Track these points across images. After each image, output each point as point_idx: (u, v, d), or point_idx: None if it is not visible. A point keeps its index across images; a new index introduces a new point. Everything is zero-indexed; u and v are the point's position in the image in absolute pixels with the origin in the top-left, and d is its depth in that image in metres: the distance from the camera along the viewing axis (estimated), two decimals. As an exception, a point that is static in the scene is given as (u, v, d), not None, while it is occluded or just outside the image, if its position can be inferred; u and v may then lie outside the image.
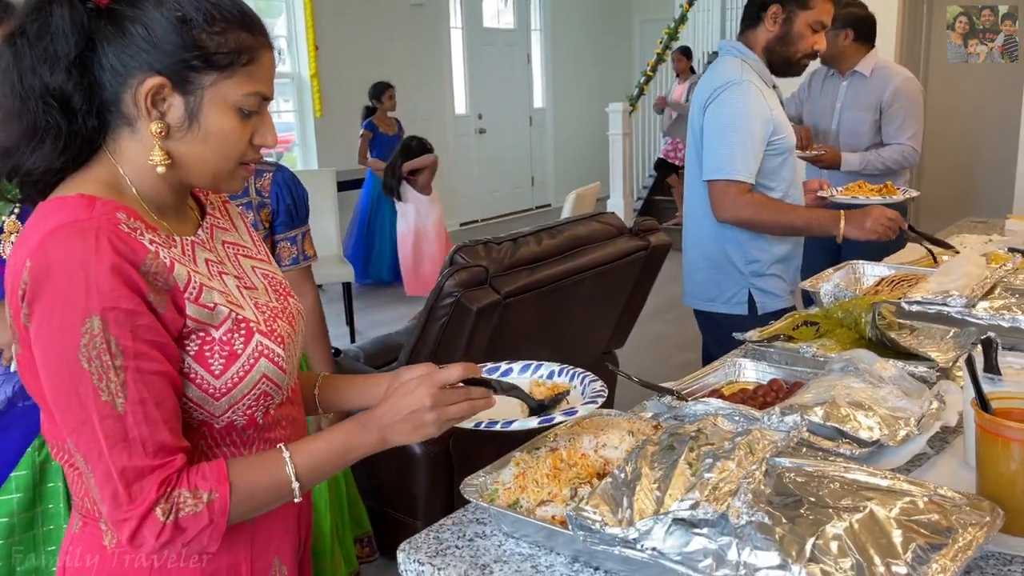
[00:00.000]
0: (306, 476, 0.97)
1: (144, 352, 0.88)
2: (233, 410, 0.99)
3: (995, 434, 1.01)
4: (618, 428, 1.18)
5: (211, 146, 0.96)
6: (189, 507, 0.89)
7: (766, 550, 0.85)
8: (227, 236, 1.10)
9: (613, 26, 10.81)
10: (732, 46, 2.28)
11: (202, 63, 0.92)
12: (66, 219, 0.88)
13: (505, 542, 1.04)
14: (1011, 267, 1.86)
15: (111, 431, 0.87)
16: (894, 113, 3.18)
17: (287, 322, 1.05)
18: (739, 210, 2.16)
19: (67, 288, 0.86)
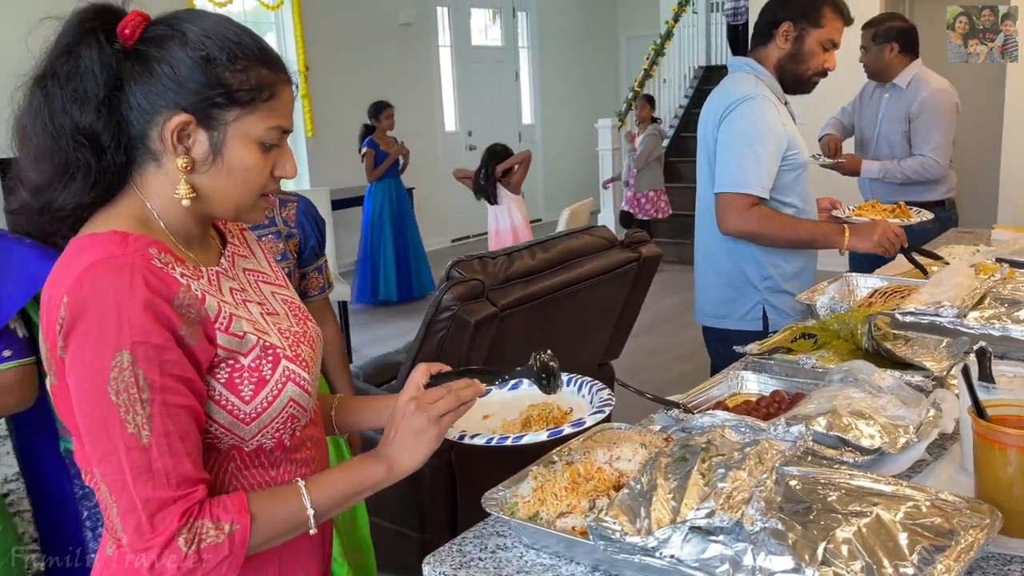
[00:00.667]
0: (322, 511, 1.00)
1: (170, 387, 0.91)
2: (263, 433, 1.02)
3: (992, 440, 1.06)
4: (630, 441, 1.23)
5: (234, 179, 0.99)
6: (211, 538, 0.91)
7: (780, 555, 0.89)
8: (247, 264, 1.13)
9: (600, 43, 10.94)
10: (744, 62, 2.28)
11: (225, 100, 0.96)
12: (101, 256, 0.92)
13: (526, 553, 1.08)
14: (999, 277, 1.92)
15: (136, 462, 0.90)
16: (920, 124, 3.28)
17: (309, 346, 1.09)
18: (745, 223, 2.14)
19: (100, 323, 0.89)
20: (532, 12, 10.06)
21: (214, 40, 0.96)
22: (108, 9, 0.97)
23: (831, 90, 3.66)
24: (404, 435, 1.03)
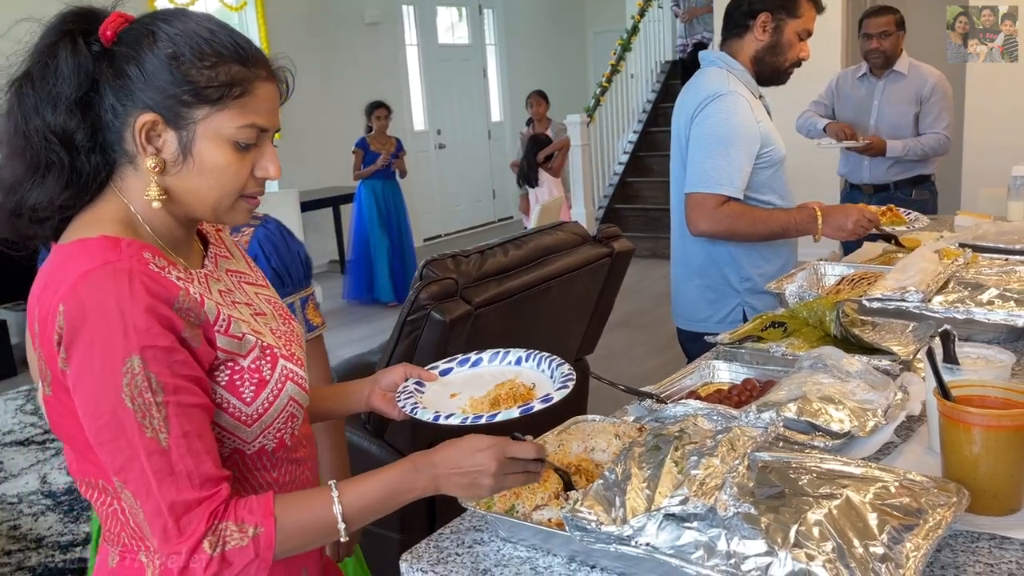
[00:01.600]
0: (354, 517, 0.97)
1: (183, 387, 0.91)
2: (264, 434, 1.01)
3: (957, 420, 1.08)
4: (604, 433, 1.24)
5: (208, 180, 0.97)
6: (235, 541, 0.90)
7: (753, 539, 0.90)
8: (229, 265, 1.12)
9: (567, 39, 10.95)
10: (716, 56, 2.24)
11: (192, 97, 0.93)
12: (97, 262, 0.90)
13: (503, 547, 1.09)
14: (962, 262, 1.95)
15: (158, 466, 0.89)
16: (932, 106, 3.61)
17: (298, 345, 1.09)
18: (715, 223, 2.11)
19: (105, 330, 0.88)
20: (498, 9, 10.05)
21: (183, 37, 0.94)
22: (89, 11, 0.96)
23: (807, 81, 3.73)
24: (465, 478, 0.99)
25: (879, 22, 3.68)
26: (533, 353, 1.24)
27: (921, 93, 3.65)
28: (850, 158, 3.87)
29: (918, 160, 3.68)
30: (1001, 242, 2.33)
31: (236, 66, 0.95)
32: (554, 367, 1.18)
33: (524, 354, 1.24)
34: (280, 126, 1.03)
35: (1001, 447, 1.06)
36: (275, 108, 1.00)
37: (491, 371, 1.23)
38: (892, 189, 3.78)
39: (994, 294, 1.71)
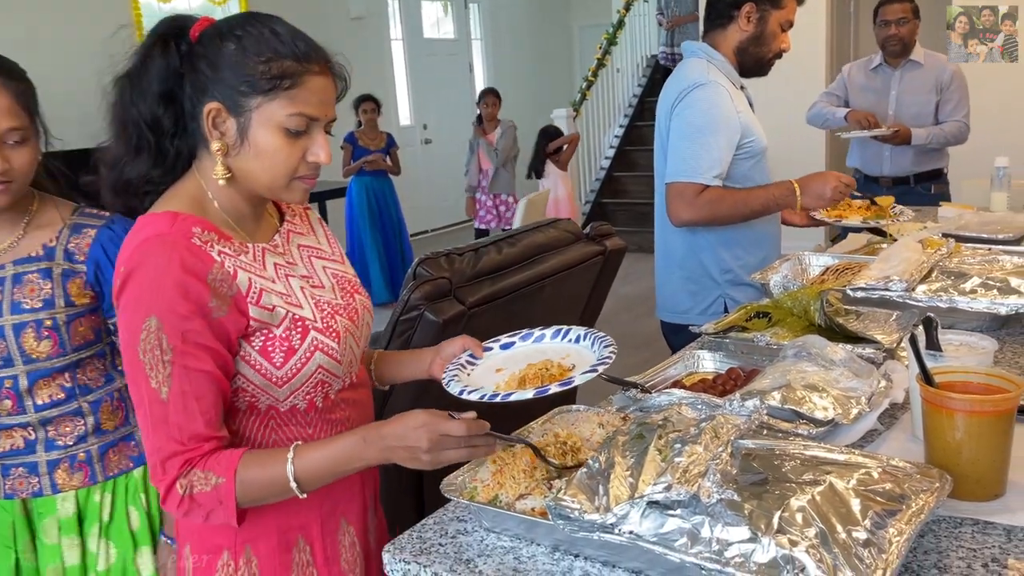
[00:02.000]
0: (305, 478, 1.07)
1: (190, 352, 1.04)
2: (294, 395, 1.14)
3: (940, 406, 1.08)
4: (588, 422, 1.23)
5: (262, 162, 1.09)
6: (200, 486, 1.05)
7: (737, 525, 0.90)
8: (303, 240, 1.25)
9: (553, 33, 10.94)
10: (697, 47, 2.24)
11: (248, 88, 1.06)
12: (152, 233, 1.06)
13: (487, 537, 1.08)
14: (945, 251, 1.95)
15: (156, 414, 1.04)
16: (952, 94, 3.63)
17: (348, 318, 1.19)
18: (696, 211, 2.10)
19: (138, 291, 1.04)
20: (484, 3, 10.03)
21: (246, 37, 1.07)
22: (183, 18, 1.12)
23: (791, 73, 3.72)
24: (399, 453, 1.08)
25: (897, 8, 3.65)
26: (591, 332, 1.26)
27: (941, 81, 3.64)
28: (867, 149, 3.82)
29: (936, 150, 3.67)
30: (984, 232, 2.34)
31: (288, 61, 1.07)
32: (601, 348, 1.20)
33: (583, 332, 1.26)
34: (335, 116, 1.14)
35: (983, 432, 1.06)
36: (326, 100, 1.11)
37: (548, 347, 1.26)
38: (912, 183, 3.74)
39: (977, 283, 1.72)
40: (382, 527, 1.35)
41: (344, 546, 1.23)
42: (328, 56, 1.12)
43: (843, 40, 7.15)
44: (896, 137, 3.60)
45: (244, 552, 1.16)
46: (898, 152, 3.71)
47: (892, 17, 3.66)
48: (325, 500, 1.19)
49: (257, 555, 1.16)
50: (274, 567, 1.17)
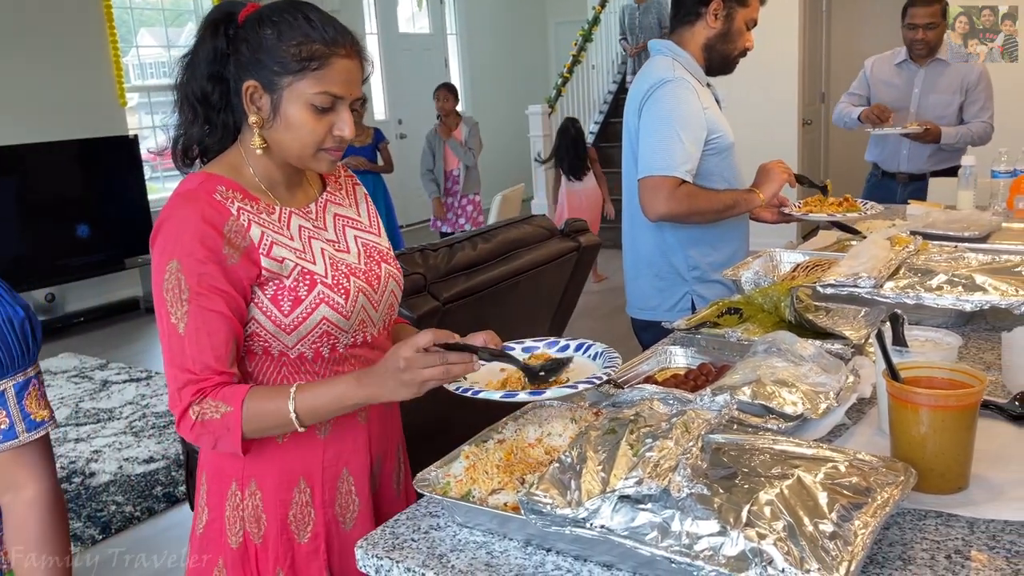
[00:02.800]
0: (304, 413, 1.18)
1: (204, 294, 1.16)
2: (301, 343, 1.24)
3: (905, 401, 1.10)
4: (561, 417, 1.24)
5: (292, 134, 1.21)
6: (211, 414, 1.16)
7: (706, 519, 0.91)
8: (340, 211, 1.36)
9: (528, 29, 10.94)
10: (663, 45, 2.25)
11: (280, 68, 1.18)
12: (183, 189, 1.21)
13: (460, 532, 1.08)
14: (913, 249, 1.99)
15: (174, 346, 1.17)
16: (978, 95, 3.61)
17: (365, 281, 1.30)
18: (675, 204, 2.11)
19: (165, 237, 1.18)
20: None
21: (280, 22, 1.19)
22: (232, 5, 1.24)
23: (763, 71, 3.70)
24: (387, 384, 1.15)
25: (926, 12, 3.60)
26: (607, 350, 1.30)
27: (967, 82, 3.62)
28: (886, 144, 3.80)
29: (957, 150, 3.64)
30: (950, 230, 2.38)
31: (317, 45, 1.18)
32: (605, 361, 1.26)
33: (601, 349, 1.31)
34: (362, 96, 1.26)
35: (948, 427, 1.08)
36: (352, 80, 1.22)
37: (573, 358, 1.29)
38: (928, 178, 3.71)
39: (943, 280, 1.74)
40: (407, 484, 1.46)
41: (341, 492, 1.33)
42: (356, 40, 1.23)
43: (816, 39, 7.23)
44: (927, 135, 3.57)
45: (250, 484, 1.28)
46: (916, 149, 3.69)
47: (920, 22, 3.62)
48: (328, 449, 1.31)
49: (261, 489, 1.28)
50: (275, 502, 1.29)
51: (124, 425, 4.13)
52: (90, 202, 6.11)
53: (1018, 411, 1.29)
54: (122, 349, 5.54)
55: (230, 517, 1.29)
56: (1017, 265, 1.83)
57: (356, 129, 3.49)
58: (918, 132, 3.56)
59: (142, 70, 7.46)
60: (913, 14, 3.64)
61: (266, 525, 1.29)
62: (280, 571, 1.29)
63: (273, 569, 1.29)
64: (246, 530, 1.29)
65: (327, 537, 1.32)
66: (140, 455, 3.75)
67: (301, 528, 1.31)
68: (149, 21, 7.35)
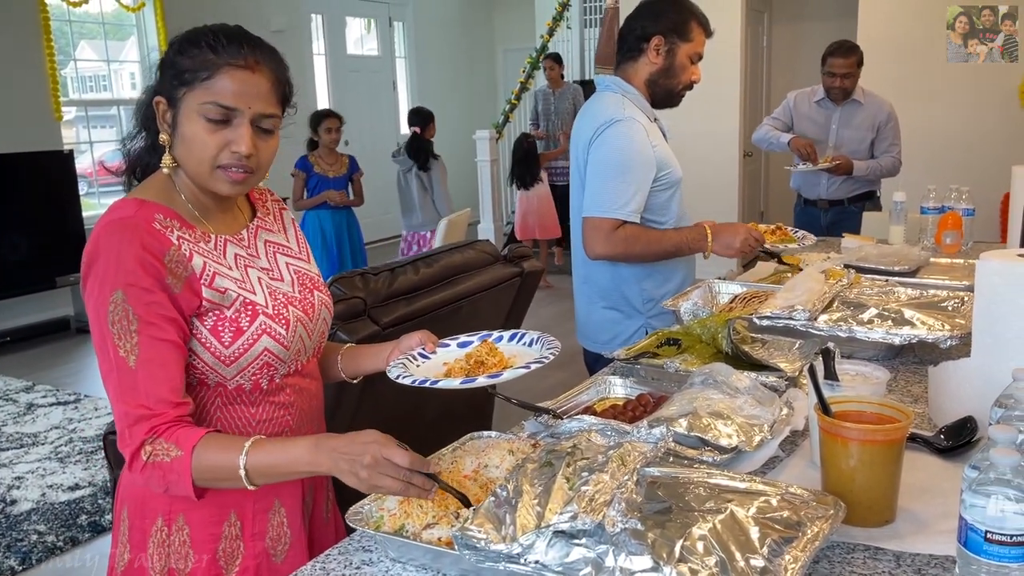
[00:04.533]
0: (256, 473, 1.12)
1: (154, 323, 1.12)
2: (241, 375, 1.22)
3: (835, 435, 1.12)
4: (498, 448, 1.23)
5: (188, 149, 1.18)
6: (162, 456, 1.11)
7: (640, 554, 0.91)
8: (271, 236, 1.34)
9: (477, 55, 11.01)
10: (611, 81, 2.27)
11: (177, 81, 1.17)
12: (116, 216, 1.16)
13: (392, 567, 1.06)
14: (846, 282, 2.04)
15: (124, 381, 1.12)
16: (888, 132, 3.98)
17: (301, 310, 1.28)
18: (612, 246, 2.14)
19: (104, 268, 1.13)
20: (408, 22, 10.03)
21: (184, 37, 1.19)
22: None
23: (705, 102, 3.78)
24: (342, 466, 1.07)
25: (844, 63, 3.91)
26: (542, 336, 1.37)
27: (877, 121, 3.96)
28: (807, 174, 4.08)
29: (871, 179, 4.00)
30: (882, 264, 2.45)
31: (211, 55, 1.16)
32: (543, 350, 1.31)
33: (536, 336, 1.37)
34: (268, 112, 1.19)
35: (876, 461, 1.10)
36: (248, 93, 1.16)
37: (501, 348, 1.34)
38: (846, 204, 4.07)
39: (874, 313, 1.79)
40: (334, 511, 1.44)
41: (272, 524, 1.30)
42: (266, 55, 1.19)
43: (756, 74, 7.43)
44: (839, 169, 3.88)
45: (177, 519, 1.24)
46: (834, 179, 4.01)
47: (838, 71, 3.93)
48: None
49: (189, 523, 1.24)
50: (204, 536, 1.24)
51: (49, 450, 3.98)
52: (21, 218, 5.91)
53: (943, 444, 1.33)
54: (51, 371, 5.35)
55: (153, 555, 1.24)
56: (943, 300, 1.89)
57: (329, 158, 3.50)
58: (828, 167, 3.86)
59: (81, 83, 7.28)
60: (832, 63, 3.95)
61: (193, 561, 1.24)
62: None
63: None
64: (171, 567, 1.24)
65: (256, 570, 1.28)
66: (65, 482, 3.61)
67: (230, 562, 1.26)
68: (89, 34, 7.19)
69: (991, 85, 4.89)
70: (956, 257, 2.68)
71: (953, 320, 1.74)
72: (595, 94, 2.32)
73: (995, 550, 0.83)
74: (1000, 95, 5.00)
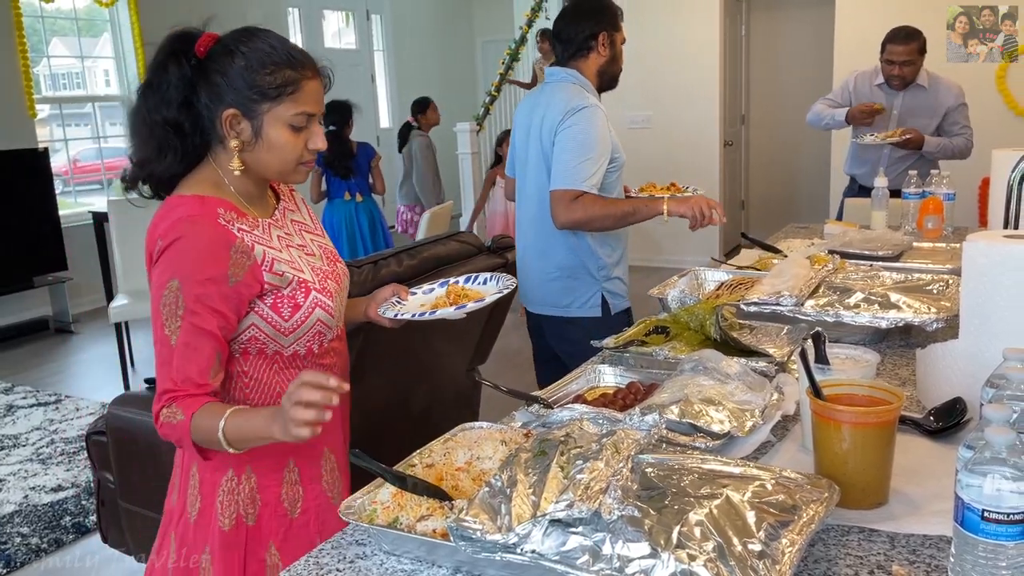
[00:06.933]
0: (232, 438, 1.24)
1: (199, 313, 1.27)
2: (297, 343, 1.39)
3: (827, 418, 1.12)
4: (491, 440, 1.22)
5: (274, 154, 1.35)
6: (171, 418, 1.27)
7: (637, 541, 0.90)
8: (294, 216, 1.50)
9: (456, 47, 10.96)
10: (567, 73, 2.51)
11: (259, 96, 1.32)
12: (185, 212, 1.30)
13: (387, 560, 1.05)
14: (831, 267, 2.05)
15: (164, 353, 1.28)
16: (958, 115, 3.75)
17: (335, 281, 1.46)
18: (574, 212, 2.36)
19: (170, 258, 1.28)
20: (386, 15, 9.96)
21: (252, 53, 1.32)
22: (188, 33, 1.35)
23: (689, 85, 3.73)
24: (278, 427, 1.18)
25: (903, 51, 3.67)
26: (495, 275, 1.56)
27: (945, 107, 3.72)
28: (867, 160, 3.85)
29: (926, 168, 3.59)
30: (866, 249, 2.47)
31: (289, 71, 1.32)
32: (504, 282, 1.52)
33: (489, 275, 1.56)
34: (322, 111, 1.39)
35: (868, 443, 1.11)
36: (319, 98, 1.37)
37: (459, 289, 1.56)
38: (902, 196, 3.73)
39: (860, 298, 1.80)
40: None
41: (325, 469, 1.48)
42: (316, 62, 1.38)
43: (735, 65, 7.45)
44: (909, 143, 3.65)
45: (245, 470, 1.40)
46: (894, 167, 3.74)
47: (897, 59, 3.69)
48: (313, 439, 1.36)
49: (256, 472, 1.40)
50: (268, 483, 1.41)
51: (31, 452, 3.92)
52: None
53: (933, 426, 1.33)
54: (30, 372, 5.28)
55: (223, 502, 1.39)
56: (928, 283, 1.90)
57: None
58: (898, 141, 3.63)
59: (54, 81, 7.18)
60: (891, 51, 3.71)
61: (260, 505, 1.41)
62: (272, 545, 1.41)
63: (266, 544, 1.41)
64: (239, 512, 1.40)
65: (317, 511, 1.46)
66: (47, 483, 3.56)
67: (293, 505, 1.44)
68: (62, 30, 7.08)
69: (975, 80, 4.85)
70: (938, 241, 2.70)
71: (939, 303, 1.75)
72: (551, 84, 2.54)
73: (992, 528, 0.83)
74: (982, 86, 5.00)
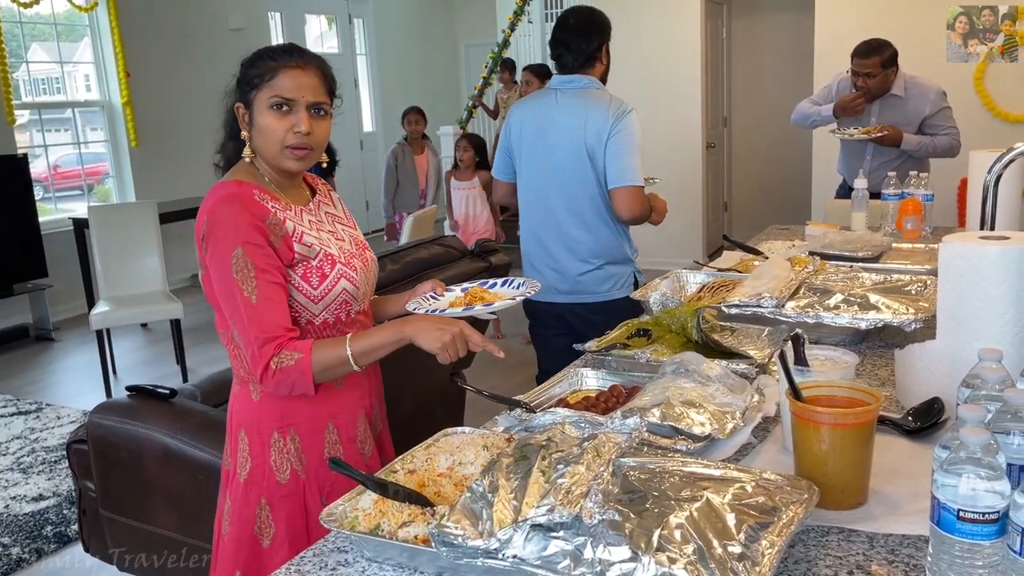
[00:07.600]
0: (358, 356, 1.44)
1: (267, 269, 1.44)
2: (326, 310, 1.54)
3: (807, 419, 1.13)
4: (473, 445, 1.22)
5: (264, 137, 1.52)
6: (287, 361, 1.42)
7: (618, 545, 0.91)
8: (328, 209, 1.67)
9: (439, 50, 10.95)
10: (589, 80, 2.70)
11: (248, 87, 1.52)
12: (225, 193, 1.48)
13: (368, 567, 1.05)
14: (812, 269, 2.06)
15: (251, 314, 1.42)
16: (940, 118, 3.66)
17: (361, 261, 1.62)
18: (642, 205, 2.63)
19: (223, 232, 1.45)
20: (369, 19, 9.94)
21: (251, 56, 1.54)
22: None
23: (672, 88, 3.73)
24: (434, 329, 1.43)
25: (863, 64, 3.64)
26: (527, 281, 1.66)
27: (921, 114, 3.67)
28: (852, 160, 3.81)
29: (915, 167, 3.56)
30: (846, 250, 2.49)
31: (269, 61, 1.51)
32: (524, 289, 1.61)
33: (522, 281, 1.67)
34: (320, 100, 1.52)
35: (847, 444, 1.11)
36: (302, 86, 1.50)
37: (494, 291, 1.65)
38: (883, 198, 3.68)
39: (840, 299, 1.81)
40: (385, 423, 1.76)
41: (360, 430, 1.63)
42: (312, 58, 1.54)
43: (717, 67, 7.49)
44: (885, 139, 3.61)
45: (289, 431, 1.54)
46: (876, 168, 3.70)
47: (859, 70, 3.67)
48: (344, 397, 1.59)
49: (299, 434, 1.55)
50: (311, 443, 1.56)
51: (11, 461, 3.88)
52: (-26, 224, 5.76)
53: (912, 426, 1.35)
54: (10, 380, 5.23)
55: (276, 459, 1.54)
56: (907, 284, 1.92)
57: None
58: (877, 136, 3.60)
59: (34, 86, 7.11)
60: (855, 63, 3.70)
61: (306, 461, 1.56)
62: (323, 497, 1.54)
63: (318, 496, 1.55)
64: (292, 468, 1.55)
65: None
66: (28, 493, 3.53)
67: None
68: (41, 35, 7.02)
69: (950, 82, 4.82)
70: (917, 242, 2.72)
71: (917, 304, 1.77)
72: (577, 90, 2.68)
73: (968, 528, 0.84)
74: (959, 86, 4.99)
